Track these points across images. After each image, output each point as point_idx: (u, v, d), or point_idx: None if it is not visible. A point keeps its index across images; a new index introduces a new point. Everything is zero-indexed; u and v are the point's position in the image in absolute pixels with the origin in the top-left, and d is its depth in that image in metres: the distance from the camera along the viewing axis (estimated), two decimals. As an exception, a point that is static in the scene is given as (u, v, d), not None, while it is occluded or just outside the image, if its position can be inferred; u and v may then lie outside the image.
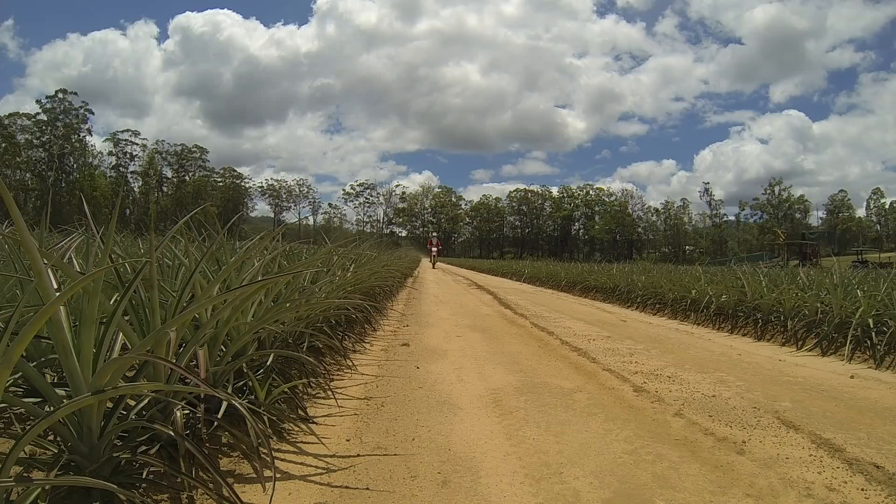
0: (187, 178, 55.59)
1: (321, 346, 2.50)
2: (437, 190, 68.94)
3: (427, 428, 1.76)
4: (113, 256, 1.72)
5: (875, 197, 57.34)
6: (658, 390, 2.25)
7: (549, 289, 10.13)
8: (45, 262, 1.04)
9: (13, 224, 0.96)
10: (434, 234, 23.09)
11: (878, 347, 2.90)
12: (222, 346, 1.60)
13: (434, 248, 20.13)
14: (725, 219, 60.40)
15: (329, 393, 2.04)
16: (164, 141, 55.15)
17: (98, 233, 1.66)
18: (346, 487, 1.30)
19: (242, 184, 60.62)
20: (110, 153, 50.86)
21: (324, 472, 1.39)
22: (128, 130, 53.01)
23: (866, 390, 2.31)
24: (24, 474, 1.01)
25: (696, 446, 1.60)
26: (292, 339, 2.24)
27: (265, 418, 1.55)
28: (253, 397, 1.60)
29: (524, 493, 1.30)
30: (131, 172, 52.25)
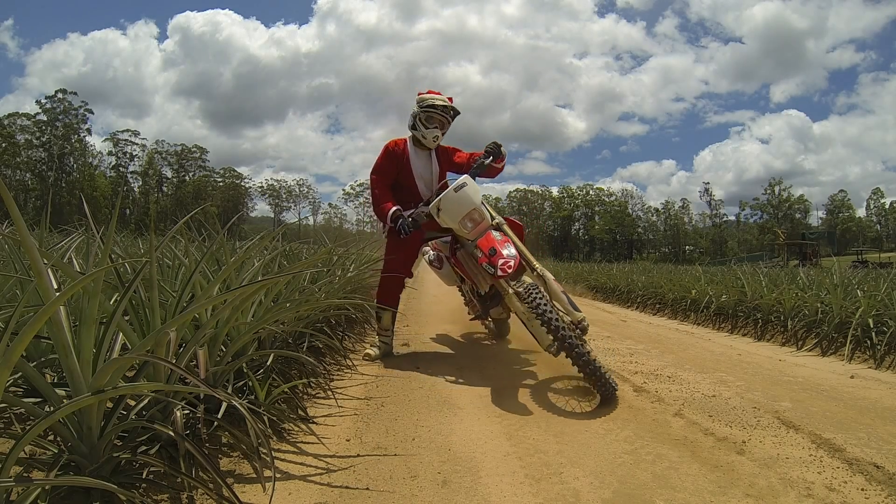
0: (187, 178, 55.59)
1: (321, 346, 2.50)
2: (437, 190, 68.74)
3: (427, 428, 1.76)
4: (113, 256, 1.73)
5: (875, 197, 57.35)
6: (658, 390, 2.25)
7: (549, 289, 10.13)
8: (45, 262, 1.04)
9: (13, 224, 0.96)
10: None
11: (878, 347, 2.90)
12: (222, 346, 1.60)
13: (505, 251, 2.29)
14: (725, 219, 60.41)
15: (329, 393, 2.04)
16: (163, 141, 55.12)
17: (98, 233, 1.66)
18: (346, 487, 1.30)
19: (242, 184, 60.63)
20: (110, 153, 50.84)
21: (324, 472, 1.39)
22: (127, 130, 52.98)
23: (866, 390, 2.31)
24: (24, 474, 1.01)
25: (696, 446, 1.60)
26: (292, 339, 2.24)
27: (265, 418, 1.55)
28: (253, 397, 1.60)
29: (524, 493, 1.30)
30: (131, 172, 52.24)
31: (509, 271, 2.21)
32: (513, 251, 2.26)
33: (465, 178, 2.52)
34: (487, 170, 2.70)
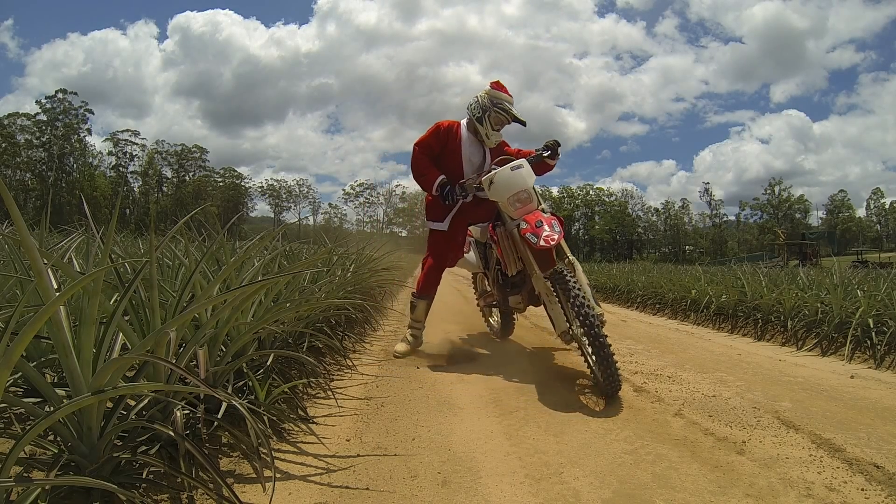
0: (187, 178, 55.58)
1: (321, 346, 2.50)
2: (437, 190, 68.89)
3: (427, 428, 1.76)
4: (113, 256, 1.73)
5: (875, 197, 57.31)
6: (658, 390, 2.25)
7: (549, 289, 10.12)
8: (45, 262, 1.04)
9: (13, 224, 0.96)
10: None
11: (878, 347, 2.90)
12: (222, 346, 1.60)
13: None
14: (725, 219, 60.39)
15: (329, 393, 2.05)
16: (163, 141, 55.10)
17: (98, 233, 1.66)
18: (346, 487, 1.30)
19: (242, 184, 60.60)
20: (110, 153, 50.81)
21: (324, 472, 1.39)
22: (127, 130, 52.92)
23: (866, 390, 2.31)
24: (24, 474, 1.01)
25: (696, 446, 1.60)
26: (292, 339, 2.24)
27: (265, 418, 1.55)
28: (253, 397, 1.60)
29: (524, 493, 1.30)
30: (131, 172, 52.20)
31: (551, 243, 2.27)
32: (557, 229, 2.32)
33: (522, 160, 2.58)
34: (541, 164, 2.75)
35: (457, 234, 2.93)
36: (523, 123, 2.81)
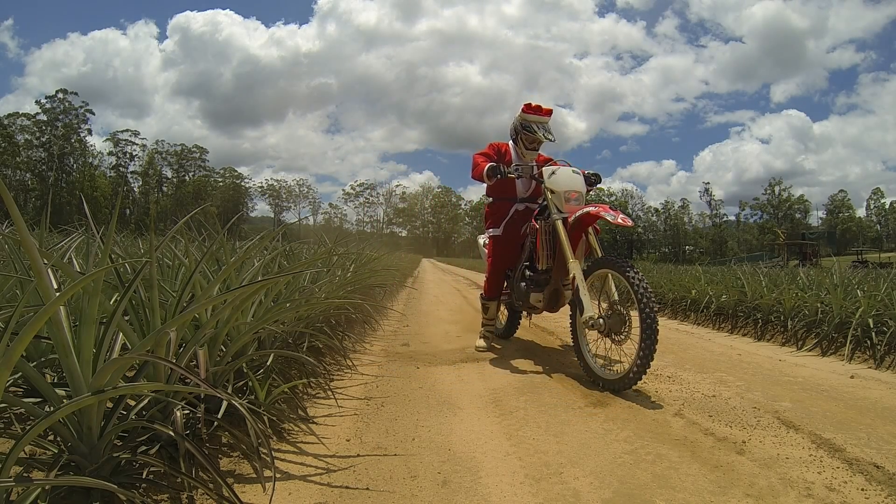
0: (187, 178, 55.58)
1: (321, 346, 2.50)
2: (437, 190, 69.17)
3: (427, 428, 1.76)
4: (113, 256, 1.73)
5: (875, 197, 57.33)
6: (658, 390, 2.25)
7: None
8: (45, 262, 1.04)
9: (13, 224, 0.96)
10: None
11: (878, 347, 2.90)
12: (222, 346, 1.60)
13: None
14: (725, 219, 60.39)
15: (329, 393, 2.05)
16: (163, 141, 55.16)
17: (98, 233, 1.66)
18: (346, 487, 1.30)
19: (242, 184, 60.60)
20: (110, 153, 50.84)
21: (324, 472, 1.39)
22: (128, 130, 53.00)
23: (866, 390, 2.31)
24: (24, 474, 1.01)
25: (695, 446, 1.60)
26: (292, 339, 2.24)
27: (265, 418, 1.55)
28: (253, 397, 1.60)
29: (524, 493, 1.30)
30: (131, 172, 52.25)
31: (629, 223, 2.48)
32: (630, 220, 2.50)
33: (579, 169, 2.83)
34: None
35: (511, 238, 3.11)
36: (552, 140, 3.02)
